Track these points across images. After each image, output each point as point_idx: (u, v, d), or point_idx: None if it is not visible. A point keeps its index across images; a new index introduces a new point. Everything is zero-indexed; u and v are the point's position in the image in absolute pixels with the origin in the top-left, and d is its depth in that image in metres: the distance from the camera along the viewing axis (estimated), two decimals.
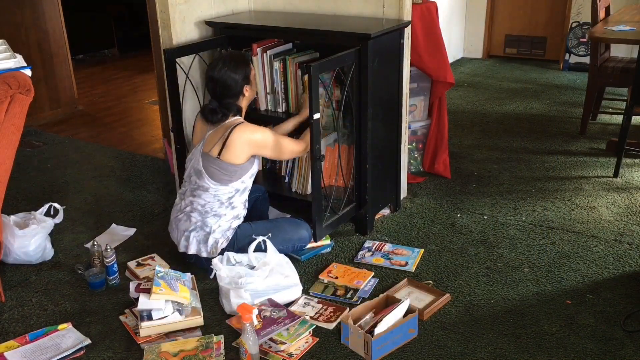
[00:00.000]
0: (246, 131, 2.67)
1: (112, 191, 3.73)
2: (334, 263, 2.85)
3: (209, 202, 2.70)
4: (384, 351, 2.24)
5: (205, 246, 2.71)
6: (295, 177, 3.20)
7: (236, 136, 2.65)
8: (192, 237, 2.73)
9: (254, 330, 2.20)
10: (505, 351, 2.28)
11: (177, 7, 3.10)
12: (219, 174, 2.67)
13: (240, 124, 2.69)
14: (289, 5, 3.40)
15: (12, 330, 2.46)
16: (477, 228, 3.17)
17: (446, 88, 3.65)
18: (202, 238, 2.72)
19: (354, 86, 2.82)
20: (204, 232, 2.71)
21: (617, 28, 4.08)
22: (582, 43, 6.12)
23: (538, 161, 4.02)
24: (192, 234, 2.73)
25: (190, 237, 2.73)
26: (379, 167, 3.08)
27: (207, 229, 2.71)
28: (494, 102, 5.32)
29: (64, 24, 5.12)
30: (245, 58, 2.77)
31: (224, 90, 2.69)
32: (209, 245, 2.71)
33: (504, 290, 2.65)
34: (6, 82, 2.37)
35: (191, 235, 2.73)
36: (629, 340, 2.32)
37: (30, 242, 2.85)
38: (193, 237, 2.73)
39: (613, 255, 2.89)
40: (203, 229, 2.72)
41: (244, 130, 2.66)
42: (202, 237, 2.72)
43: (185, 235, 2.75)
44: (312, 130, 2.62)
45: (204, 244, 2.71)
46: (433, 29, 3.54)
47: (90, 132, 4.86)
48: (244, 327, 2.16)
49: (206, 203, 2.71)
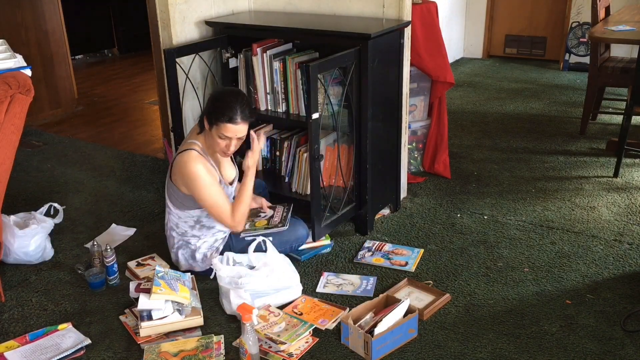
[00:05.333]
0: (187, 161, 2.47)
1: (112, 191, 3.73)
2: (303, 296, 2.61)
3: (179, 224, 2.67)
4: (384, 351, 2.24)
5: (195, 262, 2.71)
6: (295, 177, 3.20)
7: (178, 161, 2.51)
8: (180, 255, 2.73)
9: (254, 331, 2.20)
10: (505, 351, 2.28)
11: (177, 7, 3.10)
12: (174, 197, 2.60)
13: (189, 150, 2.51)
14: (289, 5, 3.40)
15: (12, 330, 2.46)
16: (477, 228, 3.17)
17: (446, 88, 3.65)
18: (189, 255, 2.71)
19: (354, 86, 2.82)
20: (190, 250, 2.71)
21: (617, 28, 4.08)
22: (582, 43, 6.12)
23: (538, 161, 4.02)
24: (179, 251, 2.73)
25: (178, 254, 2.73)
26: (379, 167, 3.08)
27: (192, 247, 2.70)
28: (494, 102, 5.32)
29: (64, 24, 5.12)
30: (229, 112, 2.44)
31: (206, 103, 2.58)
32: (198, 261, 2.70)
33: (504, 290, 2.65)
34: (6, 82, 2.37)
35: (179, 253, 2.73)
36: (629, 340, 2.32)
37: (30, 242, 2.85)
38: (181, 255, 2.73)
39: (613, 255, 2.89)
40: (188, 246, 2.71)
41: (186, 159, 2.48)
42: (189, 254, 2.71)
43: (174, 251, 2.76)
44: (311, 130, 2.63)
45: (192, 260, 2.71)
46: (433, 29, 3.54)
47: (90, 132, 4.86)
48: (243, 328, 2.16)
49: (178, 223, 2.67)
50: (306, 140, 3.21)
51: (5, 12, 4.68)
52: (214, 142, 2.52)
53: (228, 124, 2.44)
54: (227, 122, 2.43)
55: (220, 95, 2.51)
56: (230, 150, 2.54)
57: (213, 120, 2.46)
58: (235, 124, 2.45)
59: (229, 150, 2.53)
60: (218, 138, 2.49)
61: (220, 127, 2.45)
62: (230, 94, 2.51)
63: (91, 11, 7.28)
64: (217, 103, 2.46)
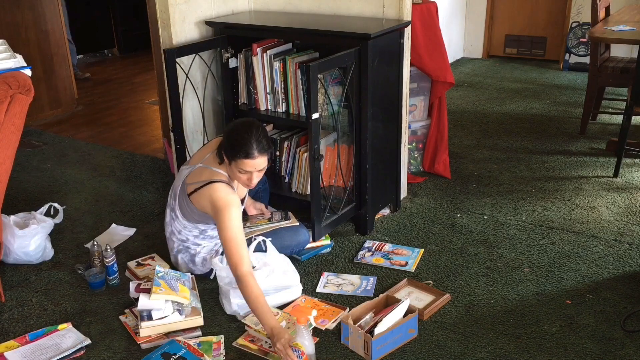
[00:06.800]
0: (225, 196, 2.45)
1: (112, 191, 3.73)
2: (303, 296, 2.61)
3: (183, 231, 2.68)
4: (384, 351, 2.24)
5: (194, 265, 2.71)
6: (295, 177, 3.20)
7: (209, 191, 2.48)
8: (179, 258, 2.73)
9: (309, 331, 2.20)
10: (505, 351, 2.28)
11: (177, 7, 3.10)
12: (187, 210, 2.61)
13: (221, 182, 2.50)
14: (289, 5, 3.40)
15: (12, 330, 2.46)
16: (477, 228, 3.17)
17: (446, 88, 3.65)
18: (188, 259, 2.72)
19: (354, 86, 2.82)
20: (190, 254, 2.71)
21: (617, 28, 4.08)
22: (582, 43, 6.12)
23: (538, 161, 4.02)
24: (179, 255, 2.73)
25: (178, 257, 2.74)
26: (379, 167, 3.08)
27: (192, 251, 2.70)
28: (494, 102, 5.32)
29: (64, 24, 5.11)
30: (245, 148, 2.40)
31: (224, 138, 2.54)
32: (198, 264, 2.71)
33: (504, 290, 2.65)
34: (6, 82, 2.37)
35: (178, 257, 2.73)
36: (629, 340, 2.32)
37: (30, 242, 2.85)
38: (181, 259, 2.73)
39: (613, 255, 2.89)
40: (188, 251, 2.71)
41: (221, 194, 2.46)
42: (189, 258, 2.72)
43: (173, 254, 2.76)
44: (311, 130, 2.63)
45: (192, 263, 2.71)
46: (433, 29, 3.54)
47: (90, 132, 4.86)
48: (298, 330, 2.16)
49: (182, 230, 2.68)
50: (306, 140, 3.21)
51: (5, 12, 4.68)
52: (235, 176, 2.52)
53: (246, 160, 2.42)
54: (244, 158, 2.42)
55: (235, 130, 2.46)
56: (253, 183, 2.52)
57: (230, 156, 2.45)
58: (253, 159, 2.42)
59: (251, 183, 2.52)
60: (238, 173, 2.48)
61: (238, 163, 2.44)
62: (243, 128, 2.45)
63: (91, 11, 7.28)
64: (233, 139, 2.44)
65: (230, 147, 2.44)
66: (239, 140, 2.41)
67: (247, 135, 2.41)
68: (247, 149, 2.40)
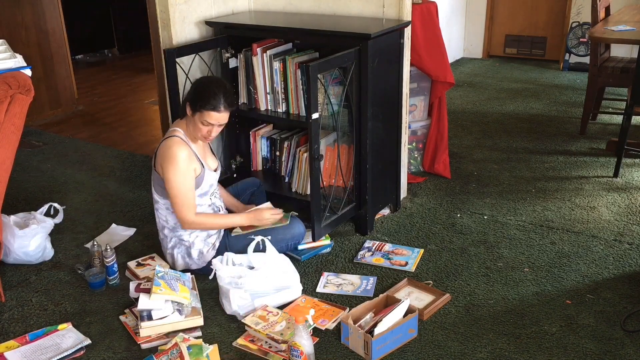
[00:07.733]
0: (171, 145, 2.54)
1: (112, 191, 3.73)
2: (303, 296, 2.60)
3: (168, 218, 2.68)
4: (384, 351, 2.24)
5: (191, 259, 2.71)
6: (295, 177, 3.20)
7: (162, 146, 2.58)
8: (176, 254, 2.73)
9: (308, 331, 2.20)
10: (505, 351, 2.28)
11: (177, 7, 3.10)
12: (159, 185, 2.63)
13: (173, 137, 2.59)
14: (289, 5, 3.40)
15: (12, 330, 2.46)
16: (477, 228, 3.17)
17: (446, 88, 3.66)
18: (184, 253, 2.71)
19: (354, 86, 2.82)
20: (185, 247, 2.71)
21: (617, 28, 4.08)
22: (582, 43, 6.13)
23: (538, 161, 4.02)
24: (174, 251, 2.73)
25: (174, 254, 2.73)
26: (379, 167, 3.08)
27: (186, 243, 2.70)
28: (494, 102, 5.32)
29: (64, 24, 5.12)
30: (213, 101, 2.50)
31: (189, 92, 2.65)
32: (195, 258, 2.70)
33: (504, 290, 2.65)
34: (6, 82, 2.37)
35: (174, 253, 2.73)
36: (629, 340, 2.32)
37: (30, 242, 2.85)
38: (177, 254, 2.73)
39: (613, 255, 2.89)
40: (182, 244, 2.71)
41: (170, 144, 2.56)
42: (185, 252, 2.71)
43: (169, 253, 2.75)
44: (311, 130, 2.63)
45: (189, 257, 2.71)
46: (433, 29, 3.54)
47: (90, 132, 4.86)
48: (297, 329, 2.16)
49: (167, 217, 2.69)
50: (306, 140, 3.21)
51: (5, 12, 4.68)
52: (195, 128, 2.59)
53: (212, 112, 2.52)
54: (211, 110, 2.52)
55: (204, 83, 2.59)
56: (212, 136, 2.61)
57: (197, 107, 2.53)
58: (219, 112, 2.54)
59: (210, 136, 2.61)
60: (200, 124, 2.56)
61: (203, 115, 2.53)
62: (214, 82, 2.59)
63: (91, 11, 7.28)
64: (201, 91, 2.54)
65: (199, 98, 2.53)
66: (208, 92, 2.52)
67: (216, 89, 2.53)
68: (215, 102, 2.51)
